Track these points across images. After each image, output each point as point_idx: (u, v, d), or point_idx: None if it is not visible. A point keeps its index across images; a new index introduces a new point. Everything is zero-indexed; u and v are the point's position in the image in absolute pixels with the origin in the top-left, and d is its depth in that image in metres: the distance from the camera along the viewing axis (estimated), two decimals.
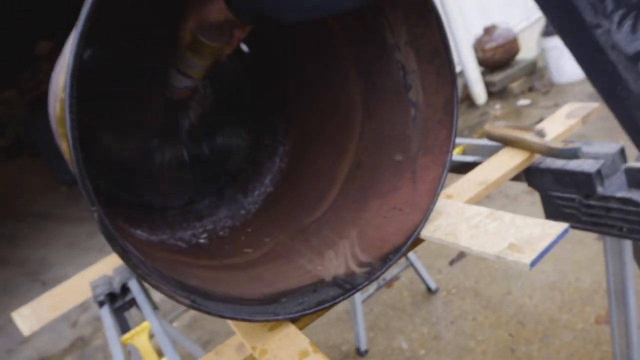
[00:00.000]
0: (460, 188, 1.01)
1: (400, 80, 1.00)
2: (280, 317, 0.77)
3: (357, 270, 0.88)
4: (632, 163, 0.92)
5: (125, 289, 1.32)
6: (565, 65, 3.80)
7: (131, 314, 1.42)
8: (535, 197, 2.58)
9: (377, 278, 0.86)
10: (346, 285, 0.85)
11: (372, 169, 1.08)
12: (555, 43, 3.75)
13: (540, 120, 3.44)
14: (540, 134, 1.04)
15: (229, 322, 0.86)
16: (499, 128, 1.11)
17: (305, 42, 1.24)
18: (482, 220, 0.84)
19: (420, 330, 2.02)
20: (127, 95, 1.45)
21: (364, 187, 1.07)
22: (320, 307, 0.80)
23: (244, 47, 1.49)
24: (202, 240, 1.20)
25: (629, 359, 1.01)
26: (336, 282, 0.87)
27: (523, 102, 3.87)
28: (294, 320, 0.80)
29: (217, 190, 1.56)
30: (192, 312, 2.88)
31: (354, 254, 0.94)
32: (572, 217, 1.00)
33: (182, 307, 2.91)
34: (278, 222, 1.19)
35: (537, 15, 4.50)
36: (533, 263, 0.70)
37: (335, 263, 0.93)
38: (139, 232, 1.12)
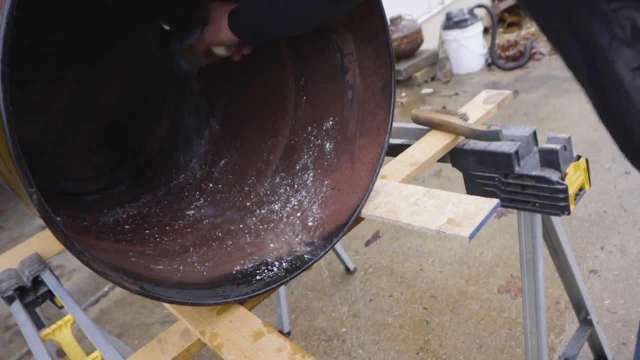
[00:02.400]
0: (393, 169, 1.05)
1: (337, 63, 1.01)
2: (230, 300, 0.76)
3: (301, 249, 0.89)
4: (544, 144, 1.02)
5: (37, 282, 1.21)
6: (463, 57, 4.08)
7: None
8: (442, 179, 2.75)
9: (321, 257, 0.88)
10: (291, 265, 0.86)
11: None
12: (455, 36, 4.01)
13: (443, 107, 3.67)
14: (464, 117, 1.11)
15: (171, 308, 0.83)
16: (426, 112, 1.17)
17: None
18: (419, 199, 0.89)
19: (340, 309, 2.09)
20: (31, 71, 1.32)
21: (301, 168, 1.07)
22: (269, 288, 0.80)
23: (166, 27, 1.42)
24: (127, 227, 1.14)
25: (537, 321, 1.13)
26: (281, 263, 0.87)
27: (426, 90, 4.10)
28: (242, 302, 0.79)
29: (136, 174, 1.48)
30: (99, 305, 2.71)
31: (295, 234, 0.95)
32: (492, 194, 1.09)
33: (87, 301, 2.73)
34: (213, 204, 1.16)
35: (438, 8, 4.76)
36: (471, 235, 0.76)
37: (277, 244, 0.93)
38: (58, 219, 1.03)
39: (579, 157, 1.03)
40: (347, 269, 2.29)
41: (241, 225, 1.03)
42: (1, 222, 4.35)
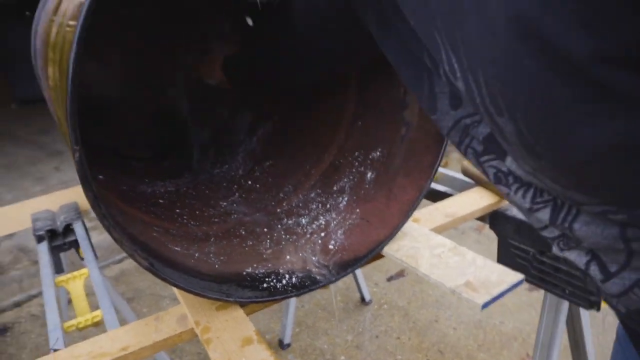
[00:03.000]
0: (428, 214, 1.04)
1: (399, 97, 1.01)
2: (231, 299, 0.76)
3: (314, 270, 0.89)
4: None
5: (68, 230, 1.27)
6: None
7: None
8: (482, 236, 2.68)
9: (331, 283, 0.87)
10: (300, 282, 0.86)
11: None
12: None
13: None
14: None
15: (175, 290, 0.85)
16: None
17: None
18: (445, 252, 0.87)
19: (344, 336, 2.06)
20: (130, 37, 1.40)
21: (338, 190, 1.07)
22: (272, 298, 0.80)
23: (249, 21, 1.47)
24: (161, 201, 1.17)
25: None
26: (291, 277, 0.87)
27: None
28: (242, 305, 0.80)
29: (186, 154, 1.53)
30: (121, 266, 2.81)
31: (313, 253, 0.94)
32: (523, 267, 1.04)
33: (112, 259, 2.83)
34: (246, 202, 1.17)
35: None
36: (485, 305, 0.73)
37: (293, 258, 0.93)
38: (100, 177, 1.08)
39: None
40: (363, 299, 2.26)
41: (265, 230, 1.04)
42: (57, 164, 4.61)
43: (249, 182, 1.28)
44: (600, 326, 1.95)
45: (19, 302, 2.54)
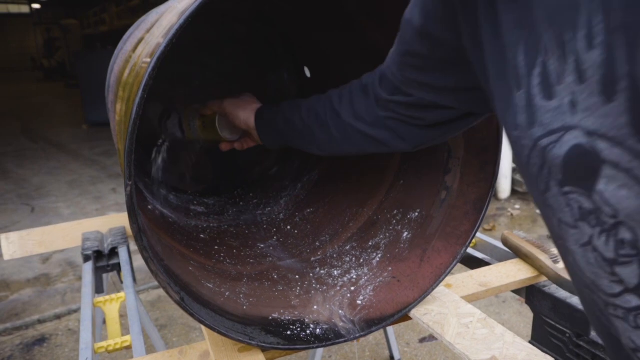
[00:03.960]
0: (461, 281, 1.02)
1: (442, 161, 1.02)
2: (254, 343, 0.78)
3: (339, 324, 0.89)
4: None
5: (113, 253, 1.34)
6: None
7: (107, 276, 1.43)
8: (524, 307, 2.56)
9: (354, 339, 0.87)
10: (324, 334, 0.86)
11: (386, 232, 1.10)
12: None
13: (540, 239, 3.43)
14: (555, 259, 1.05)
15: (202, 327, 0.87)
16: (517, 238, 1.12)
17: None
18: (473, 323, 0.85)
19: None
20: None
21: (373, 245, 1.08)
22: (293, 347, 0.81)
23: (307, 72, 1.54)
24: (202, 236, 1.22)
25: None
26: (316, 327, 0.88)
27: None
28: (264, 350, 0.81)
29: (231, 191, 1.58)
30: (159, 291, 2.87)
31: (341, 306, 0.95)
32: (557, 349, 1.00)
33: (152, 284, 2.90)
34: (282, 246, 1.20)
35: None
36: None
37: (320, 309, 0.94)
38: (149, 207, 1.14)
39: None
40: (392, 358, 2.19)
41: (297, 277, 1.06)
42: (115, 185, 4.85)
43: (288, 227, 1.31)
44: None
45: (60, 314, 2.64)
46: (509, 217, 3.83)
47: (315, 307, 0.94)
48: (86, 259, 1.28)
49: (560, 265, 1.05)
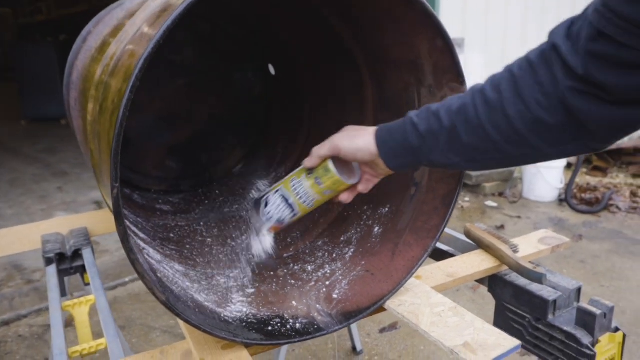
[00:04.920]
0: (429, 273, 1.07)
1: None
2: (238, 340, 0.79)
3: (318, 318, 0.92)
4: (584, 304, 1.00)
5: (76, 254, 1.30)
6: (537, 184, 4.03)
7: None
8: (477, 295, 2.68)
9: (333, 332, 0.90)
10: (304, 329, 0.88)
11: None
12: None
13: (501, 226, 3.61)
14: (514, 249, 1.12)
15: (182, 326, 0.88)
16: (479, 230, 1.19)
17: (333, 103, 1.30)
18: (445, 311, 0.90)
19: None
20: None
21: (345, 241, 1.11)
22: (276, 342, 0.83)
23: (272, 70, 1.55)
24: (172, 235, 1.21)
25: None
26: (295, 322, 0.90)
27: (491, 203, 4.06)
28: (247, 346, 0.82)
29: (196, 189, 1.57)
30: (114, 293, 2.80)
31: (317, 301, 0.97)
32: (517, 333, 1.07)
33: (105, 285, 2.82)
34: None
35: None
36: None
37: (297, 304, 0.96)
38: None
39: (617, 329, 1.00)
40: (354, 349, 2.25)
41: (271, 273, 1.08)
42: (61, 184, 4.65)
43: None
44: None
45: (8, 320, 2.52)
46: (460, 209, 3.98)
47: (293, 302, 0.96)
48: (48, 262, 1.24)
49: (520, 254, 1.12)
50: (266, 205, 0.92)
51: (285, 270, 1.08)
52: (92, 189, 4.45)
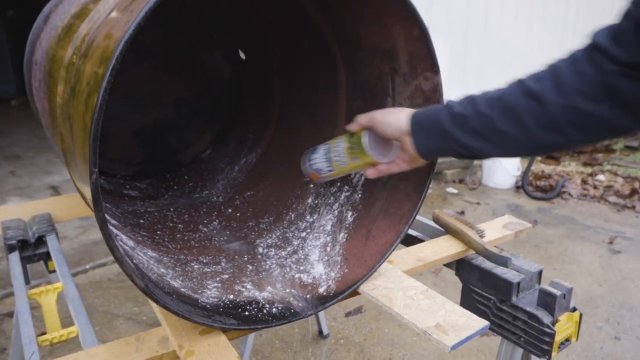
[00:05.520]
0: (400, 257, 1.10)
1: None
2: (216, 325, 0.79)
3: (294, 302, 0.93)
4: (545, 286, 1.06)
5: (39, 241, 1.26)
6: (496, 171, 4.17)
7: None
8: (438, 278, 2.77)
9: (309, 316, 0.91)
10: (280, 313, 0.89)
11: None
12: None
13: (462, 212, 3.72)
14: (481, 234, 1.16)
15: (158, 313, 0.87)
16: (447, 216, 1.23)
17: (305, 86, 1.30)
18: (417, 294, 0.93)
19: None
20: None
21: (319, 226, 1.12)
22: (254, 327, 0.84)
23: (242, 55, 1.53)
24: (142, 221, 1.19)
25: None
26: (271, 307, 0.91)
27: (451, 189, 4.17)
28: (225, 331, 0.83)
29: (164, 175, 1.55)
30: (76, 280, 2.72)
31: (292, 286, 0.99)
32: (483, 313, 1.12)
33: None
34: (225, 229, 1.21)
35: None
36: (454, 347, 0.79)
37: (273, 289, 0.97)
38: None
39: (574, 309, 1.06)
40: (321, 332, 2.28)
41: (245, 258, 1.08)
42: (14, 168, 4.45)
43: (229, 210, 1.31)
44: None
45: None
46: None
47: (268, 287, 0.97)
48: (11, 249, 1.20)
49: (486, 239, 1.17)
50: (313, 152, 0.98)
51: (259, 256, 1.09)
52: (48, 173, 4.28)
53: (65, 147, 0.85)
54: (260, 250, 1.11)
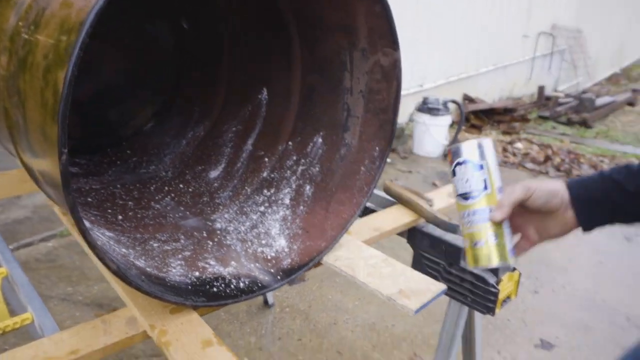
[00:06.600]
0: (357, 228, 1.14)
1: (341, 120, 1.10)
2: (188, 303, 0.79)
3: (259, 276, 0.94)
4: None
5: None
6: (425, 140, 4.34)
7: None
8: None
9: (276, 288, 0.93)
10: (247, 287, 0.90)
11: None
12: (425, 120, 4.28)
13: (396, 179, 3.86)
14: (430, 203, 1.23)
15: (123, 293, 0.85)
16: (398, 186, 1.28)
17: (256, 52, 1.27)
18: (378, 263, 0.97)
19: (247, 338, 2.10)
20: None
21: (277, 200, 1.13)
22: (224, 303, 0.84)
23: (184, 24, 1.47)
24: (89, 199, 1.14)
25: None
26: (238, 282, 0.91)
27: None
28: (195, 308, 0.83)
29: (105, 150, 1.48)
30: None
31: (256, 260, 1.00)
32: (433, 277, 1.19)
33: None
34: (179, 205, 1.18)
35: (415, 89, 5.07)
36: (417, 310, 0.85)
37: (237, 264, 0.97)
38: None
39: (514, 269, 1.16)
40: (266, 302, 2.31)
41: (205, 234, 1.07)
42: None
43: (181, 186, 1.28)
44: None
45: None
46: None
47: (232, 262, 0.98)
48: None
49: (435, 207, 1.23)
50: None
51: (219, 232, 1.08)
52: None
53: (12, 125, 0.79)
54: (219, 225, 1.11)
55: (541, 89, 6.70)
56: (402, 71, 0.96)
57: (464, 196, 0.78)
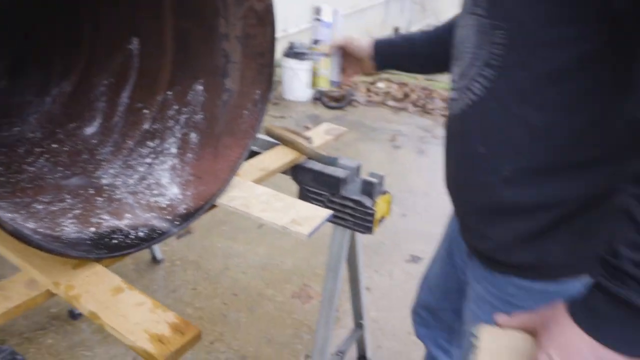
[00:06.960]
0: (245, 170, 1.20)
1: (220, 67, 1.13)
2: (91, 256, 0.80)
3: (157, 224, 0.97)
4: (364, 176, 1.29)
5: None
6: (294, 85, 4.44)
7: None
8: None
9: (175, 233, 0.97)
10: (147, 236, 0.93)
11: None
12: (292, 65, 4.35)
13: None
14: (310, 141, 1.33)
15: (14, 258, 0.83)
16: (278, 128, 1.35)
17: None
18: (269, 199, 1.05)
19: None
20: None
21: (162, 150, 1.14)
22: (126, 252, 0.87)
23: None
24: None
25: (328, 318, 1.38)
26: (136, 232, 0.94)
27: None
28: (99, 260, 0.84)
29: None
30: None
31: (150, 209, 1.02)
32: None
33: None
34: (56, 165, 1.13)
35: (280, 34, 5.09)
36: (310, 234, 0.95)
37: (132, 215, 0.99)
38: None
39: (385, 192, 1.32)
40: (154, 258, 2.30)
41: (92, 192, 1.05)
42: None
43: (54, 146, 1.22)
44: None
45: None
46: None
47: (127, 215, 0.99)
48: None
49: (315, 144, 1.33)
50: None
51: (106, 187, 1.07)
52: None
53: None
54: (105, 181, 1.09)
55: (396, 30, 7.13)
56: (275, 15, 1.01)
57: (315, 42, 1.20)
